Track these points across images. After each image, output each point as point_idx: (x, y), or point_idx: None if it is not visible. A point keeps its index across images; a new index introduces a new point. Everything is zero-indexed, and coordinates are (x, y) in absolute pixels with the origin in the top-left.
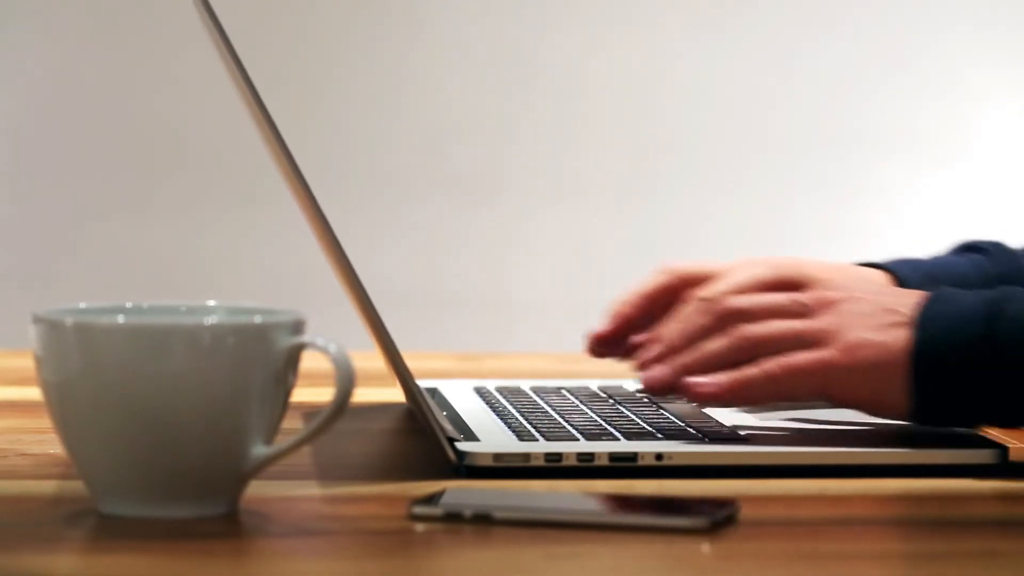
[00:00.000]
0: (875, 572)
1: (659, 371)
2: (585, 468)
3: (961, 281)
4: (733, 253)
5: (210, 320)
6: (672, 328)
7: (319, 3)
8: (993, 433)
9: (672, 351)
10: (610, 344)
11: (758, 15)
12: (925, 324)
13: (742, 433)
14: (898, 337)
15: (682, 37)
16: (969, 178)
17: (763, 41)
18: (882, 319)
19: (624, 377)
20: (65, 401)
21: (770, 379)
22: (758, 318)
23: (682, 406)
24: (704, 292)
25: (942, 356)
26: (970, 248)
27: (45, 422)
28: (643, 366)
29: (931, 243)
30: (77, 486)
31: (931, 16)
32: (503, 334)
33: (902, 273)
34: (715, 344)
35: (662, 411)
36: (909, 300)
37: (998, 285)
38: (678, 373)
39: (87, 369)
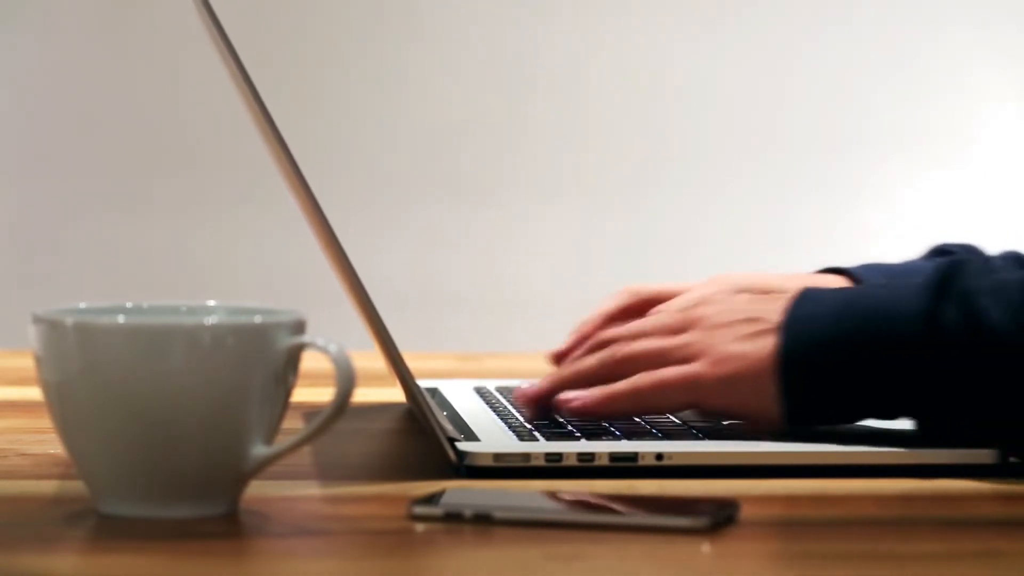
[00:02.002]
0: (875, 572)
1: (531, 387)
2: (585, 468)
3: None
4: (733, 253)
5: (210, 320)
6: (602, 316)
7: (319, 3)
8: None
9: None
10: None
11: (759, 15)
12: (787, 328)
13: (741, 431)
14: (763, 345)
15: (682, 37)
16: (970, 178)
17: (764, 41)
18: (746, 329)
19: None
20: (65, 401)
21: (637, 391)
22: (628, 340)
23: None
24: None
25: (805, 358)
26: (942, 252)
27: (45, 422)
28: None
29: (931, 244)
30: (77, 486)
31: (932, 16)
32: (503, 334)
33: (866, 277)
34: (587, 361)
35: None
36: (776, 306)
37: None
38: (552, 386)
39: (87, 369)
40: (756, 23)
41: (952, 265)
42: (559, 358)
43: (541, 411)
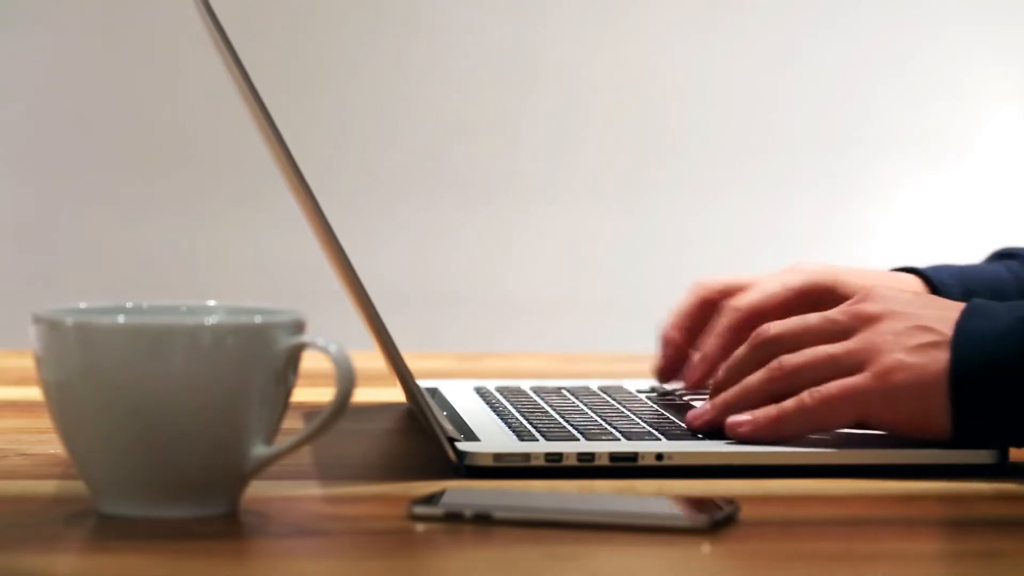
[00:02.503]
0: (875, 572)
1: (703, 412)
2: (585, 468)
3: (997, 287)
4: (733, 253)
5: (210, 320)
6: (711, 345)
7: (319, 3)
8: None
9: (716, 385)
10: (671, 371)
11: (758, 15)
12: (961, 343)
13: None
14: (935, 359)
15: (681, 37)
16: (969, 178)
17: (764, 41)
18: (918, 339)
19: (624, 377)
20: (65, 401)
21: (805, 412)
22: (794, 344)
23: (683, 406)
24: (735, 302)
25: (978, 376)
26: (1006, 255)
27: (45, 422)
28: (689, 385)
29: (931, 244)
30: (77, 486)
31: (931, 16)
32: (503, 334)
33: (939, 279)
34: (754, 379)
35: (662, 411)
36: (946, 315)
37: None
38: (720, 411)
39: (87, 369)
40: (755, 23)
41: None
42: (663, 373)
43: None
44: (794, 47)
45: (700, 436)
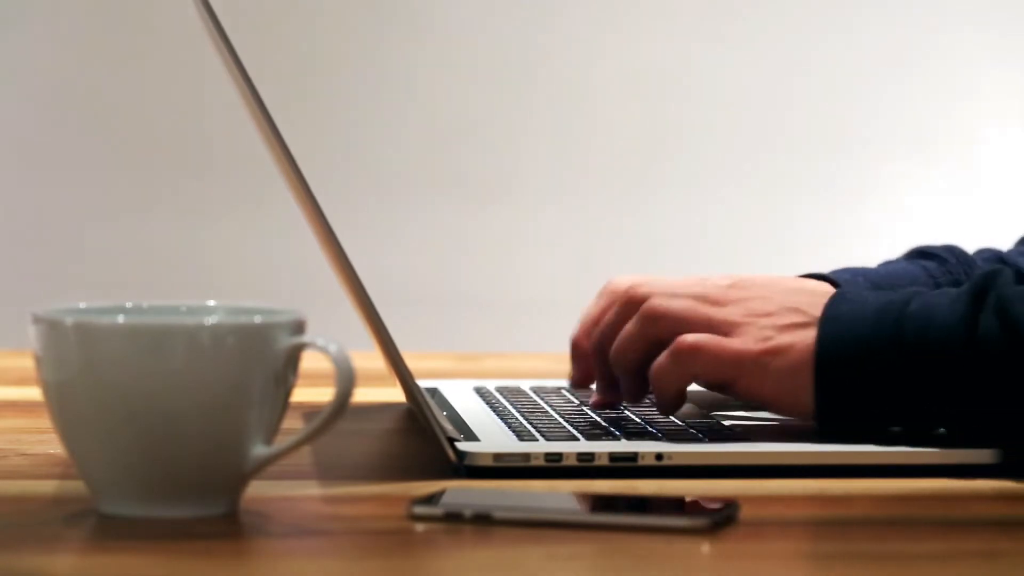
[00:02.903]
0: (875, 572)
1: (596, 398)
2: (585, 468)
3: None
4: (736, 253)
5: (210, 320)
6: (590, 319)
7: (320, 3)
8: None
9: (595, 351)
10: (588, 380)
11: (763, 15)
12: (827, 325)
13: (740, 431)
14: (803, 337)
15: (686, 37)
16: (973, 180)
17: (767, 42)
18: (789, 318)
19: None
20: (65, 401)
21: (678, 355)
22: (664, 297)
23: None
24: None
25: (843, 356)
26: (923, 254)
27: (45, 422)
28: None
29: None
30: (77, 486)
31: (937, 18)
32: (503, 334)
33: (847, 284)
34: (629, 327)
35: None
36: (816, 300)
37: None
38: (608, 379)
39: (87, 369)
40: (761, 24)
41: (988, 274)
42: (577, 384)
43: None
44: (800, 48)
45: (700, 436)
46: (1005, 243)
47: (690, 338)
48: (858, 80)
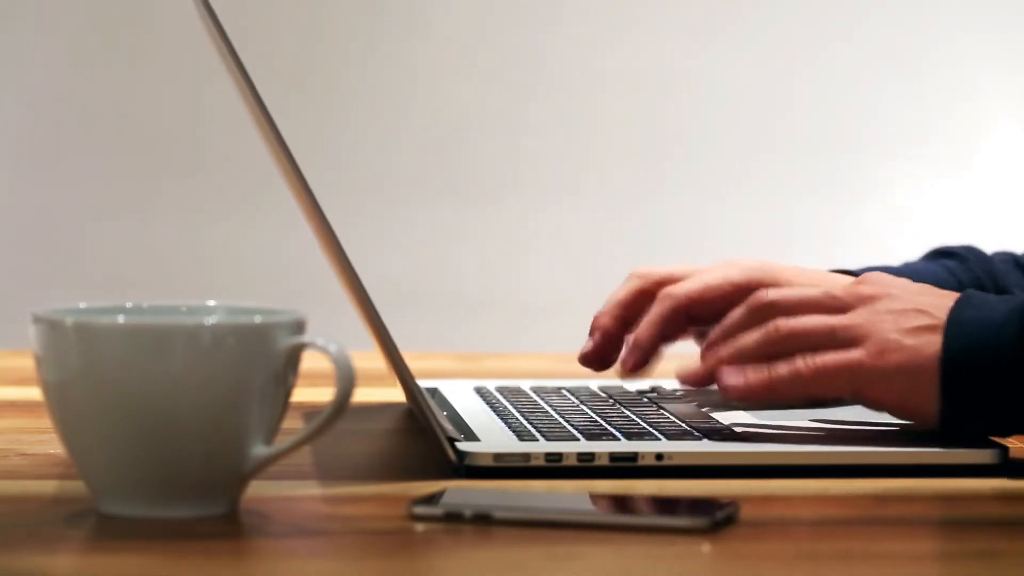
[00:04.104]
0: (875, 572)
1: (695, 370)
2: (585, 468)
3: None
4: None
5: (210, 320)
6: (645, 332)
7: (320, 3)
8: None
9: (709, 343)
10: (599, 359)
11: (763, 16)
12: (954, 329)
13: (741, 431)
14: (929, 342)
15: (686, 37)
16: (973, 181)
17: (768, 42)
18: (914, 321)
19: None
20: (65, 401)
21: (798, 378)
22: (791, 311)
23: (682, 406)
24: (671, 289)
25: (970, 363)
26: (943, 254)
27: (45, 422)
28: (623, 372)
29: (932, 245)
30: (77, 486)
31: (937, 20)
32: (503, 334)
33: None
34: (749, 338)
35: (662, 411)
36: (941, 302)
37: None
38: (712, 368)
39: (87, 369)
40: (762, 25)
41: None
42: (589, 359)
43: (698, 386)
44: (800, 48)
45: (700, 436)
46: (1005, 243)
47: (812, 361)
48: (858, 80)
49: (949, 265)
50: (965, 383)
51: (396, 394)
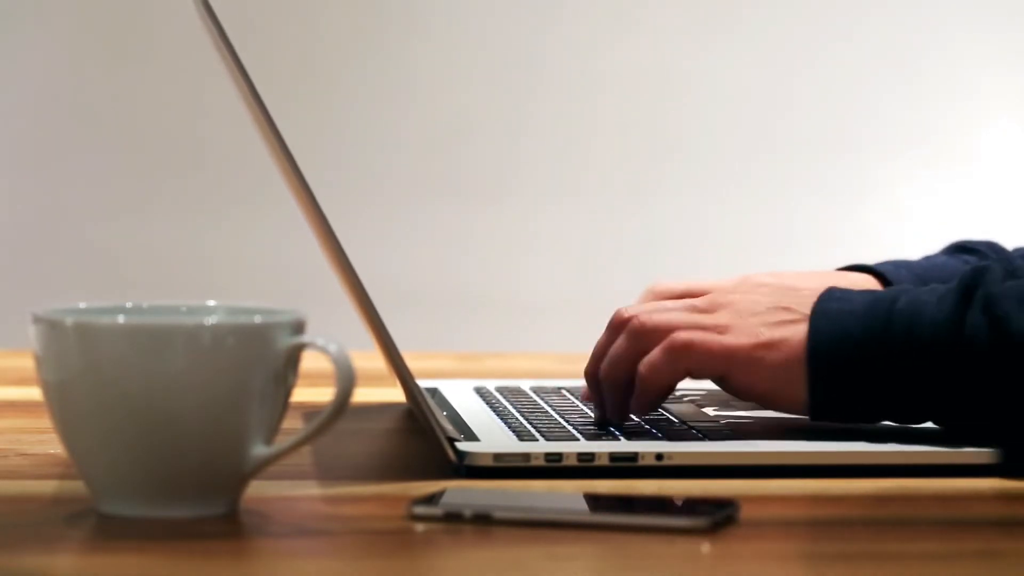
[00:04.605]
0: (875, 572)
1: (597, 414)
2: (585, 468)
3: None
4: (736, 253)
5: (210, 320)
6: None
7: (320, 3)
8: None
9: (591, 374)
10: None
11: (764, 17)
12: (818, 320)
13: (740, 431)
14: (796, 331)
15: (687, 38)
16: (974, 182)
17: (768, 42)
18: (779, 316)
19: None
20: (65, 401)
21: (671, 349)
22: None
23: (682, 406)
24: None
25: (833, 351)
26: (963, 248)
27: (45, 422)
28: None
29: (935, 246)
30: (77, 486)
31: (937, 20)
32: (503, 334)
33: (891, 275)
34: (619, 343)
35: (662, 411)
36: (804, 299)
37: None
38: (602, 398)
39: (87, 369)
40: (762, 26)
41: (976, 271)
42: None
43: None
44: (800, 48)
45: (700, 436)
46: (1005, 243)
47: (683, 335)
48: (858, 80)
49: (969, 260)
50: (830, 371)
51: (396, 394)
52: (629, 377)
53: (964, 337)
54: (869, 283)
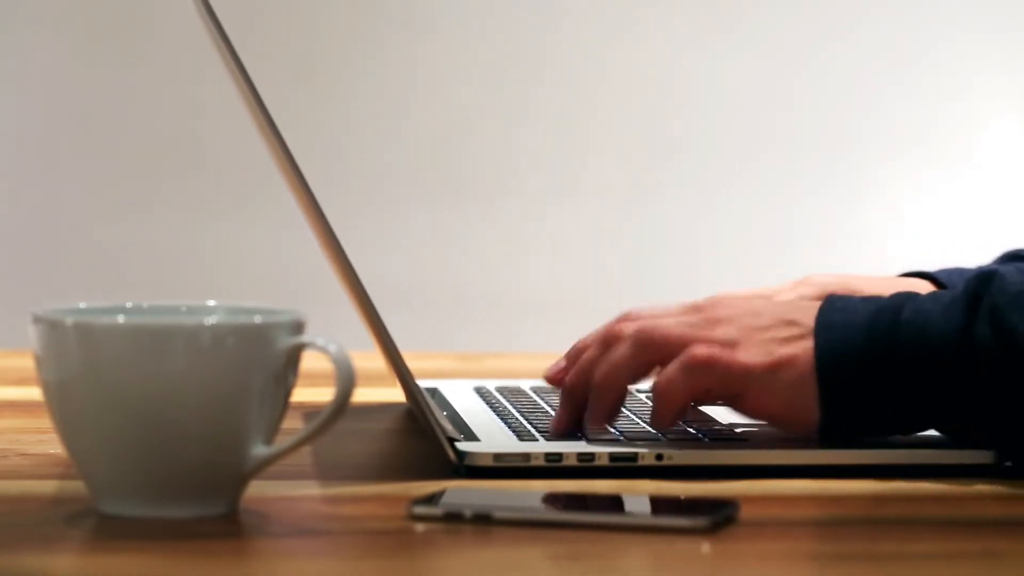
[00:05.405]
0: (875, 572)
1: (564, 421)
2: (585, 468)
3: None
4: (737, 255)
5: (210, 320)
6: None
7: (320, 3)
8: None
9: (581, 372)
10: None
11: (764, 17)
12: (823, 333)
13: (741, 432)
14: (805, 347)
15: (687, 38)
16: (973, 181)
17: (769, 43)
18: (785, 332)
19: None
20: (65, 401)
21: (691, 369)
22: (652, 319)
23: None
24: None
25: (840, 365)
26: (1017, 257)
27: (45, 422)
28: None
29: (935, 247)
30: (77, 486)
31: (936, 20)
32: (503, 334)
33: (951, 282)
34: (622, 351)
35: None
36: (808, 310)
37: None
38: (576, 403)
39: (87, 369)
40: (761, 26)
41: (981, 278)
42: (555, 380)
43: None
44: (800, 49)
45: (700, 437)
46: (1005, 243)
47: (702, 350)
48: (858, 80)
49: (1022, 267)
50: (841, 385)
51: (396, 394)
52: (623, 386)
53: (971, 349)
54: (929, 290)
